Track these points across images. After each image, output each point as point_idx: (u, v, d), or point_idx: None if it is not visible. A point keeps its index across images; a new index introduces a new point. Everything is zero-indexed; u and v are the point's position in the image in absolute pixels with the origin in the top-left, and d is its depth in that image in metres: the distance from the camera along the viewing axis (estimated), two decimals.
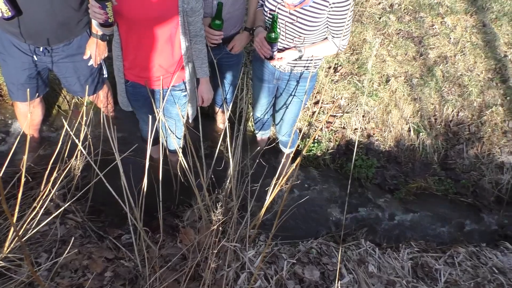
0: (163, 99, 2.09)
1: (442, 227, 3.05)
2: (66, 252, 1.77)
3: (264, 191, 2.19)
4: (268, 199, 2.07)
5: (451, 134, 3.41)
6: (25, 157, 1.71)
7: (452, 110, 3.47)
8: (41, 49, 2.13)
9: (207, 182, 2.23)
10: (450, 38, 3.93)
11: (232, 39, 2.39)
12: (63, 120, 1.98)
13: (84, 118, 2.17)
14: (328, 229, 2.85)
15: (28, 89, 2.22)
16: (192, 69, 2.10)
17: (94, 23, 1.87)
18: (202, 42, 2.00)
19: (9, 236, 1.76)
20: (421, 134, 3.32)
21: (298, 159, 1.74)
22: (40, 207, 1.97)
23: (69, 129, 1.92)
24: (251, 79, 2.65)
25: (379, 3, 4.16)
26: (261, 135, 2.97)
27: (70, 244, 1.76)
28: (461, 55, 3.80)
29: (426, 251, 2.66)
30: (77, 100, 3.08)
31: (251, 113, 3.11)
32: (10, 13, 1.88)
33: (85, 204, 2.41)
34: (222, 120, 3.18)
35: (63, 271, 1.94)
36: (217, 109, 3.06)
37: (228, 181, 2.34)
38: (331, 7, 1.89)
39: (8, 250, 1.78)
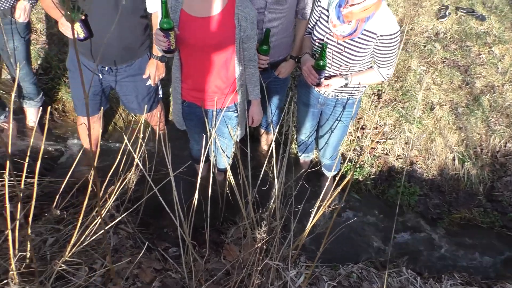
0: (217, 119, 2.21)
1: (487, 261, 2.96)
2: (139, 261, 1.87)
3: (306, 213, 2.25)
4: (312, 221, 2.12)
5: (498, 165, 3.34)
6: (93, 170, 1.85)
7: (500, 141, 3.40)
8: (106, 68, 2.32)
9: (252, 201, 2.31)
10: (498, 68, 3.89)
11: (279, 64, 2.50)
12: (124, 135, 2.14)
13: (141, 135, 2.33)
14: (368, 254, 2.85)
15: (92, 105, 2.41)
16: (244, 91, 2.21)
17: (157, 48, 2.03)
18: (255, 67, 2.12)
19: (72, 241, 1.90)
20: (466, 163, 3.28)
21: (348, 179, 1.79)
22: (98, 217, 2.11)
23: (128, 145, 2.07)
24: (296, 103, 2.74)
25: (425, 32, 4.18)
26: (304, 158, 3.04)
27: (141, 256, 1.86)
28: (509, 85, 3.75)
29: (470, 284, 2.59)
30: (131, 117, 3.27)
31: (295, 136, 3.19)
32: (84, 35, 2.08)
33: (136, 216, 2.54)
34: (266, 142, 3.27)
35: (115, 278, 2.06)
36: (262, 131, 3.16)
37: (272, 201, 2.41)
38: (379, 39, 1.96)
39: (70, 254, 1.91)
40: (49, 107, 2.11)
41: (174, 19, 1.89)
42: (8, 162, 1.75)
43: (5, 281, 1.79)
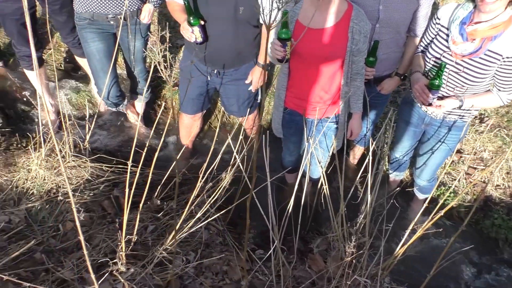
0: (317, 128, 2.23)
1: None
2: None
3: (393, 233, 2.20)
4: (408, 244, 2.06)
5: None
6: (204, 165, 1.96)
7: None
8: (215, 71, 2.45)
9: (341, 213, 2.30)
10: None
11: (383, 80, 2.46)
12: (228, 136, 2.24)
13: (241, 136, 2.41)
14: (457, 285, 2.69)
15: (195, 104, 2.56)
16: (346, 103, 2.21)
17: (269, 56, 2.10)
18: (361, 80, 2.11)
19: (174, 231, 2.01)
20: None
21: (450, 206, 1.72)
22: (196, 212, 2.22)
23: (232, 144, 2.15)
24: (391, 119, 2.68)
25: None
26: (395, 176, 2.95)
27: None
28: None
29: None
30: (225, 119, 3.41)
31: (387, 153, 3.11)
32: (201, 39, 2.23)
33: (226, 215, 2.62)
34: (354, 155, 3.23)
35: (206, 271, 2.15)
36: (352, 144, 3.13)
37: (362, 216, 2.37)
38: (504, 61, 1.85)
39: (170, 243, 2.03)
40: (161, 104, 2.28)
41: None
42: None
43: (114, 260, 1.95)
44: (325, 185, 2.20)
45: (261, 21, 2.29)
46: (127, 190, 1.81)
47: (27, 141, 2.74)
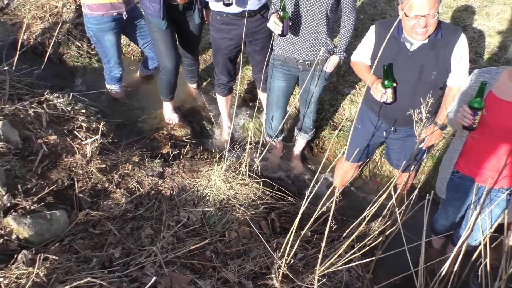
0: (488, 196, 2.19)
1: None
2: None
3: None
4: None
5: None
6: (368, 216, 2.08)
7: None
8: (392, 128, 2.57)
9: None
10: None
11: None
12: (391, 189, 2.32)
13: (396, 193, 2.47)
14: None
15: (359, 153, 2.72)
16: None
17: (450, 120, 2.16)
18: None
19: (326, 264, 2.15)
20: None
21: None
22: (346, 252, 2.33)
23: (393, 195, 2.23)
24: None
25: None
26: None
27: None
28: None
29: None
30: (376, 170, 3.49)
31: None
32: (391, 100, 2.35)
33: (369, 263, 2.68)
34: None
35: None
36: None
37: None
38: None
39: (321, 274, 2.18)
40: (319, 145, 2.49)
41: None
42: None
43: (270, 276, 2.17)
44: (484, 259, 2.13)
45: (448, 84, 2.37)
46: (298, 217, 2.02)
47: (207, 153, 3.22)
